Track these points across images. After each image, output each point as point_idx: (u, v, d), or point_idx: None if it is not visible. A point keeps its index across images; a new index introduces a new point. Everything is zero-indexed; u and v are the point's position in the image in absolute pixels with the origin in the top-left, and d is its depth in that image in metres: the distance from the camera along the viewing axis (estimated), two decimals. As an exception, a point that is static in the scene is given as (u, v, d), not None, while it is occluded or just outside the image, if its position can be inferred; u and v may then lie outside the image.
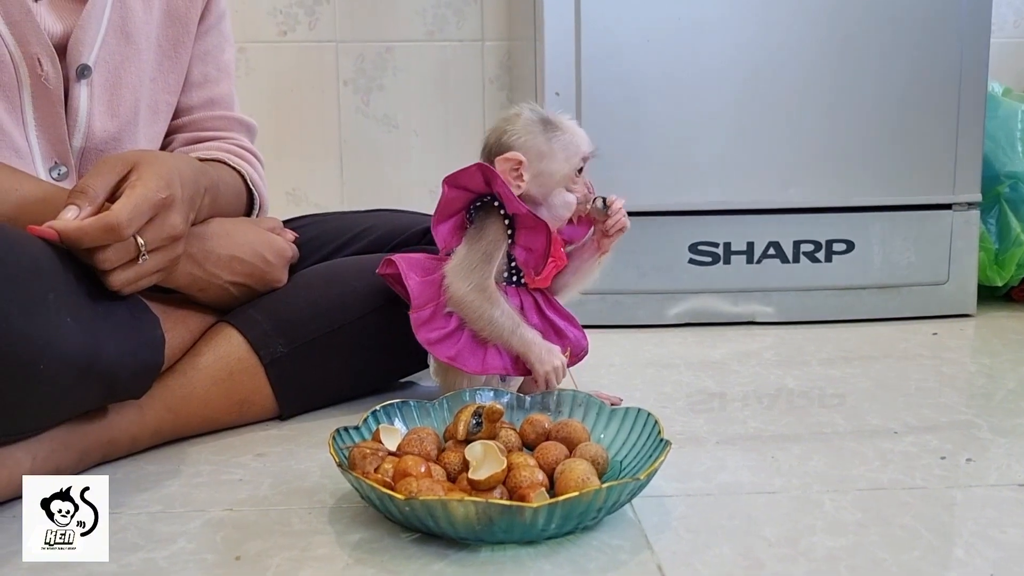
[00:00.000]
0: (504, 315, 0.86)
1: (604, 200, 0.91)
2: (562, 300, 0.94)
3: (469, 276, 0.86)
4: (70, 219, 0.71)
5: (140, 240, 0.73)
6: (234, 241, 0.92)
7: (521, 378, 0.91)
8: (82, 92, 0.87)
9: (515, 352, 0.87)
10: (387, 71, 1.75)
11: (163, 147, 1.00)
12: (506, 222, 0.88)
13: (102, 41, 0.88)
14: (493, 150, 0.89)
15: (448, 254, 0.89)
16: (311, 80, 1.73)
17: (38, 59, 0.83)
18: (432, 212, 0.90)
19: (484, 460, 0.68)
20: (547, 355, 0.87)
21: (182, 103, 1.01)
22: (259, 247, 0.95)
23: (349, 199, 1.75)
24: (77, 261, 0.74)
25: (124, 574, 0.62)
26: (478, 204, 0.89)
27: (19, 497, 0.71)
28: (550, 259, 0.89)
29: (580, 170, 0.90)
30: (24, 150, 0.85)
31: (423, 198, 1.71)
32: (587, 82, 1.32)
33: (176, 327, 0.89)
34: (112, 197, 0.74)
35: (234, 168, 0.99)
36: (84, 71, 0.87)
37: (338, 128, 1.75)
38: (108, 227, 0.70)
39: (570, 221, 0.92)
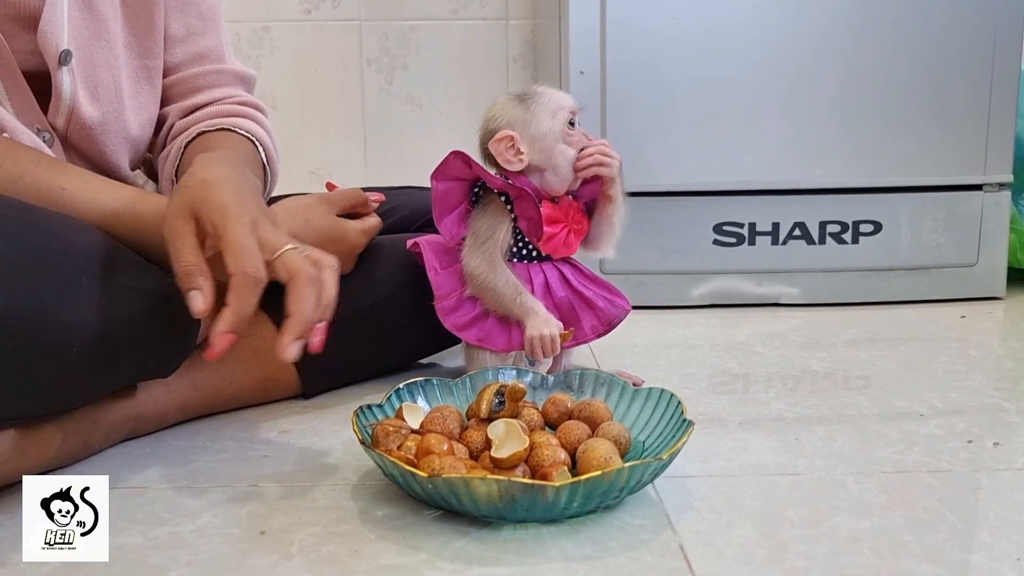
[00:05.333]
0: (507, 284, 0.89)
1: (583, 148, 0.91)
2: (602, 254, 0.95)
3: (478, 250, 0.89)
4: (204, 308, 0.66)
5: (281, 249, 0.68)
6: None
7: (549, 360, 0.92)
8: (65, 78, 0.82)
9: (518, 320, 0.89)
10: (411, 50, 1.74)
11: (159, 122, 0.93)
12: (503, 198, 0.90)
13: (68, 19, 0.81)
14: (484, 141, 0.91)
15: (462, 241, 0.91)
16: (335, 59, 1.73)
17: None
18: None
19: (506, 439, 0.68)
20: (541, 324, 0.88)
21: (168, 62, 0.93)
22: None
23: (373, 178, 1.75)
24: (113, 244, 0.74)
25: (151, 547, 0.63)
26: (477, 189, 0.92)
27: (51, 472, 0.73)
28: (564, 225, 0.90)
29: (572, 123, 0.90)
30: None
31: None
32: (612, 61, 1.30)
33: None
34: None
35: (243, 135, 0.92)
36: (66, 56, 0.81)
37: (362, 107, 1.75)
38: (249, 283, 0.65)
39: (586, 181, 0.92)
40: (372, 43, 1.73)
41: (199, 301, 0.66)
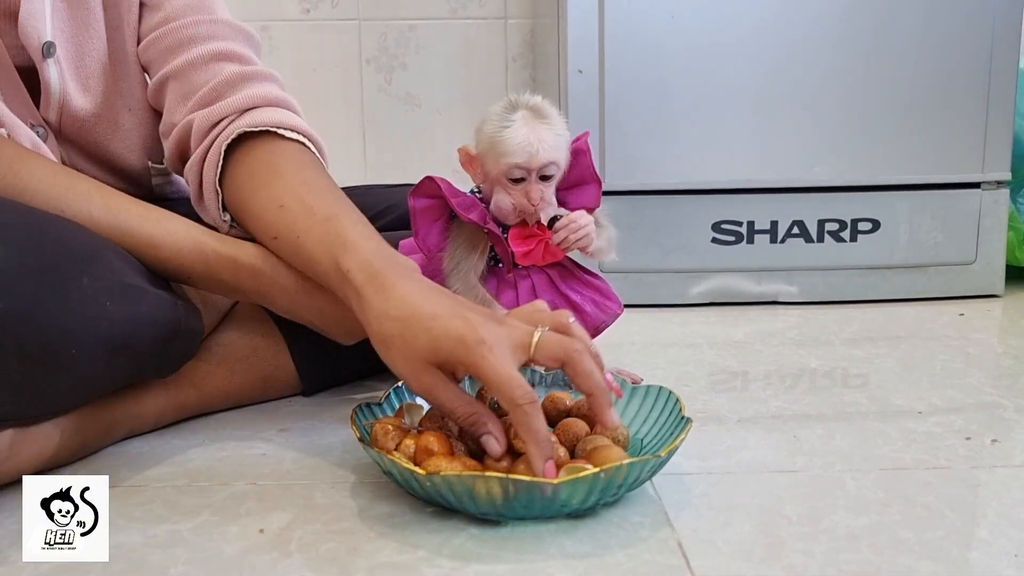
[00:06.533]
0: (483, 303, 0.83)
1: (553, 219, 0.84)
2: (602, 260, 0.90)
3: (452, 273, 0.86)
4: (501, 450, 0.66)
5: (532, 344, 0.65)
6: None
7: None
8: (52, 71, 0.81)
9: None
10: (410, 49, 1.74)
11: (158, 88, 0.88)
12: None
13: (52, 9, 0.80)
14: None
15: (440, 253, 0.89)
16: (334, 59, 1.73)
17: None
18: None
19: None
20: None
21: (151, 21, 0.88)
22: None
23: (372, 178, 1.75)
24: (115, 246, 0.74)
25: (151, 545, 0.63)
26: None
27: (49, 472, 0.73)
28: (539, 240, 0.86)
29: (518, 180, 0.82)
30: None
31: (446, 177, 1.71)
32: (611, 60, 1.31)
33: (207, 309, 0.89)
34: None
35: (296, 140, 0.88)
36: (49, 48, 0.80)
37: (361, 107, 1.75)
38: (530, 412, 0.63)
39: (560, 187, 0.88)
40: (371, 43, 1.74)
41: (494, 444, 0.66)
